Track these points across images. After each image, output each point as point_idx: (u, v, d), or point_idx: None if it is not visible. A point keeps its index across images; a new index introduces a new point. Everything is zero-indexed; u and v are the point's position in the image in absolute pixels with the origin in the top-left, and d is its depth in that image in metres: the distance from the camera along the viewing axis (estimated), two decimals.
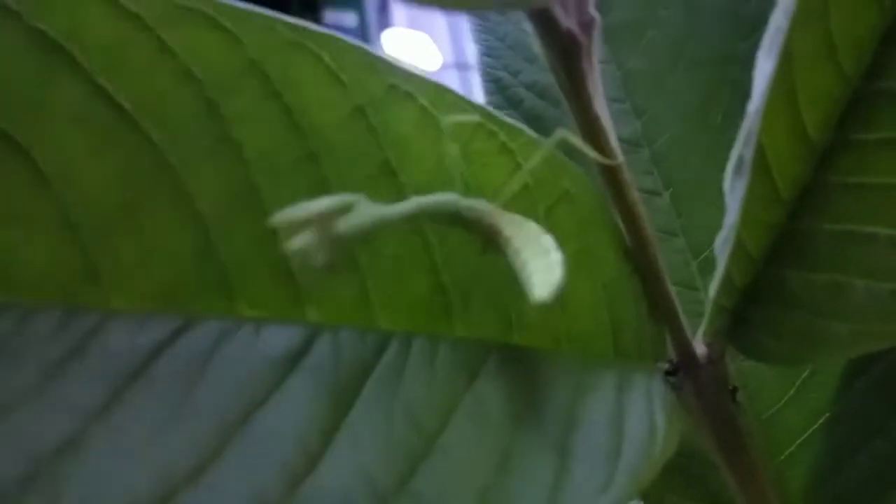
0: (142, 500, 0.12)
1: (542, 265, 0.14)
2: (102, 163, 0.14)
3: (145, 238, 0.14)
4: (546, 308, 0.16)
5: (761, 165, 0.15)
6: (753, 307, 0.16)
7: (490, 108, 0.14)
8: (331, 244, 0.12)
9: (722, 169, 0.21)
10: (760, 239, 0.15)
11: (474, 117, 0.14)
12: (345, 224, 0.12)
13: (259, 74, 0.14)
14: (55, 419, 0.13)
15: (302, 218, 0.12)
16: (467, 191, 0.15)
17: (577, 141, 0.14)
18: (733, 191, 0.14)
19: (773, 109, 0.14)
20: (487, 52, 0.22)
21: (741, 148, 0.13)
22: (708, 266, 0.21)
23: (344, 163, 0.15)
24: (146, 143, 0.14)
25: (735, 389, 0.17)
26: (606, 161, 0.15)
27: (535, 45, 0.14)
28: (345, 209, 0.13)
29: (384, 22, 1.78)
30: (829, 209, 0.15)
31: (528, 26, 0.22)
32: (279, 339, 0.15)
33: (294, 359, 0.14)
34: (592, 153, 0.14)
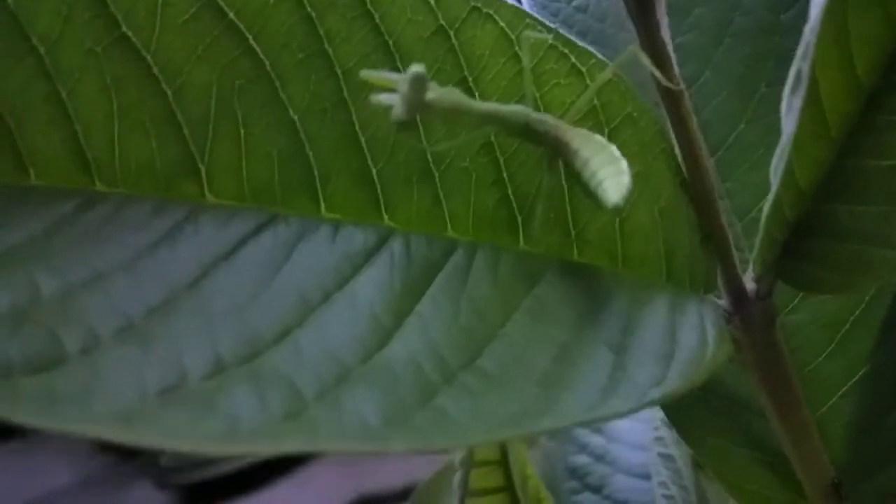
0: (226, 355, 0.13)
1: (611, 171, 0.15)
2: (207, 66, 0.15)
3: (241, 138, 0.16)
4: (606, 226, 0.17)
5: (815, 101, 0.16)
6: (804, 240, 0.17)
7: (563, 32, 0.16)
8: (412, 105, 0.13)
9: (765, 135, 0.22)
10: (811, 174, 0.16)
11: (547, 37, 0.15)
12: (430, 94, 0.14)
13: None
14: (146, 288, 0.14)
15: (392, 79, 0.14)
16: (539, 110, 0.16)
17: (645, 59, 0.15)
18: (790, 109, 0.14)
19: (825, 45, 0.15)
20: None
21: (799, 62, 0.14)
22: (752, 227, 0.22)
23: None
24: (248, 51, 0.16)
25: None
26: (672, 85, 0.16)
27: None
28: (433, 86, 0.14)
29: None
30: (877, 146, 0.16)
31: None
32: (356, 238, 0.16)
33: (369, 254, 0.15)
34: (659, 74, 0.15)
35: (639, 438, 0.39)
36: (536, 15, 0.25)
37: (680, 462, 0.34)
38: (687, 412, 0.20)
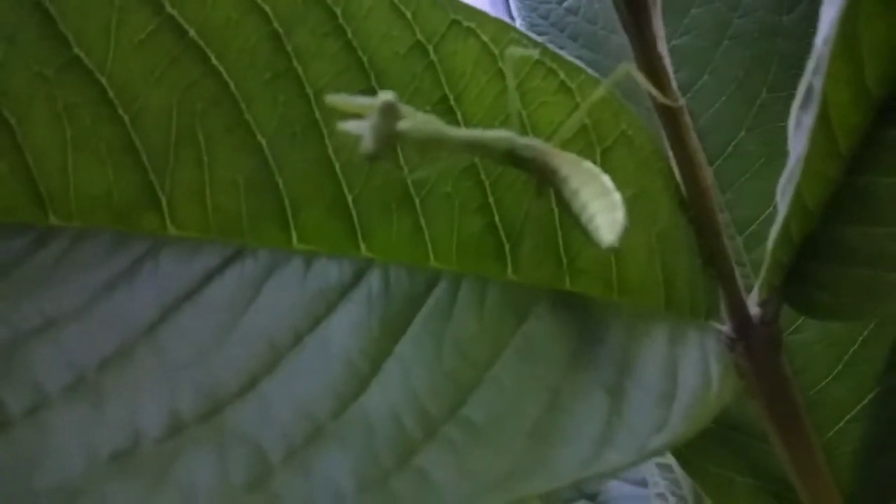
0: (185, 412, 0.12)
1: (603, 206, 0.13)
2: (166, 89, 0.14)
3: (204, 165, 0.15)
4: (600, 254, 0.15)
5: (823, 117, 0.15)
6: (811, 263, 0.16)
7: (551, 47, 0.14)
8: (381, 137, 0.12)
9: (766, 144, 0.21)
10: (819, 193, 0.15)
11: (533, 52, 0.14)
12: (403, 124, 0.12)
13: (323, 7, 0.15)
14: (101, 336, 0.13)
15: (361, 105, 0.13)
16: (525, 130, 0.15)
17: (640, 77, 0.14)
18: (799, 126, 0.13)
19: (835, 57, 0.14)
20: (529, 28, 0.23)
21: (810, 77, 0.13)
22: (753, 241, 0.21)
23: (402, 98, 0.15)
24: (210, 71, 0.14)
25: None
26: (669, 102, 0.14)
27: None
28: (406, 113, 0.13)
29: None
30: (888, 163, 0.15)
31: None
32: (330, 271, 0.15)
33: (345, 290, 0.14)
34: (655, 92, 0.14)
35: None
36: (526, 16, 0.24)
37: (678, 471, 0.33)
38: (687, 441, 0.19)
